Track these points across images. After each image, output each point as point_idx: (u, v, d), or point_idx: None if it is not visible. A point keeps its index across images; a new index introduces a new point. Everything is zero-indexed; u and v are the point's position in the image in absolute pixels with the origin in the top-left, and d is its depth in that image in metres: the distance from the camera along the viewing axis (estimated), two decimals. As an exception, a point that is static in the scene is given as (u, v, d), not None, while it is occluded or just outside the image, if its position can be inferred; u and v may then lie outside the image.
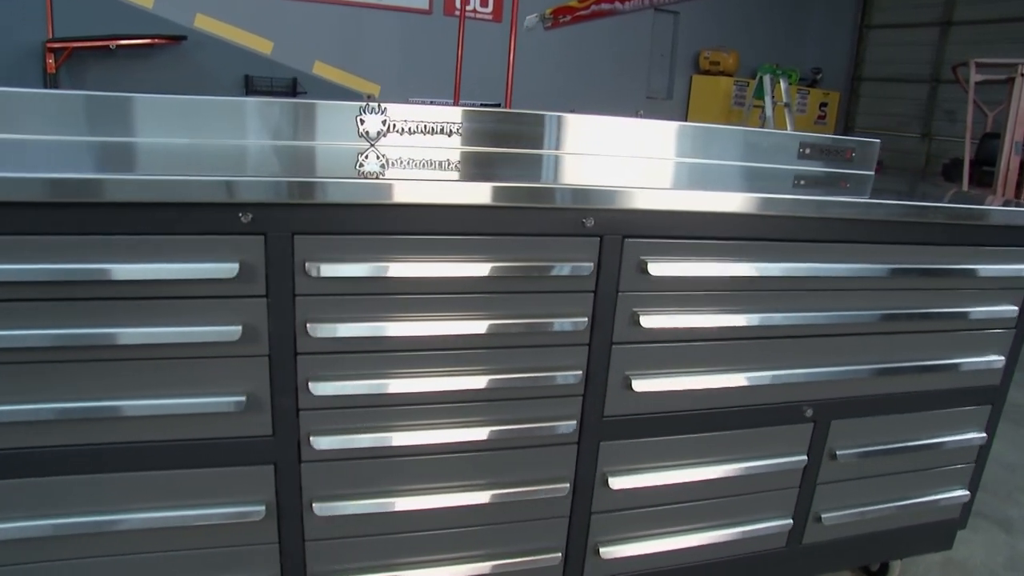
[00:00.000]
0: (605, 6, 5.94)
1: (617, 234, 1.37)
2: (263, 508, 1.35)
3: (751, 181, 1.85)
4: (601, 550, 1.57)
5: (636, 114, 2.26)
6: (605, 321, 1.42)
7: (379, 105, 1.85)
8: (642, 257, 1.39)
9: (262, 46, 6.35)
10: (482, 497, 1.46)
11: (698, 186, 1.72)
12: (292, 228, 1.23)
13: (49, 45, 4.93)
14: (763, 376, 1.56)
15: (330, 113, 1.81)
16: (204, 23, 5.98)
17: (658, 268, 1.39)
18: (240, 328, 1.23)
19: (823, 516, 1.75)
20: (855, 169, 2.24)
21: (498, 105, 6.65)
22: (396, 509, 1.42)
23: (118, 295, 1.18)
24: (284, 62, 6.49)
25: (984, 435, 1.89)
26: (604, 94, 7.69)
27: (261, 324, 1.26)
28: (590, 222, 1.34)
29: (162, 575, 1.36)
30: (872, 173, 2.25)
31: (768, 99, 6.71)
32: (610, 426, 1.50)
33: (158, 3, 5.71)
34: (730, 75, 7.84)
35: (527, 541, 1.54)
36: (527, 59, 7.14)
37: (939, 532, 1.98)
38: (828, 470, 1.72)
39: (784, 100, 6.79)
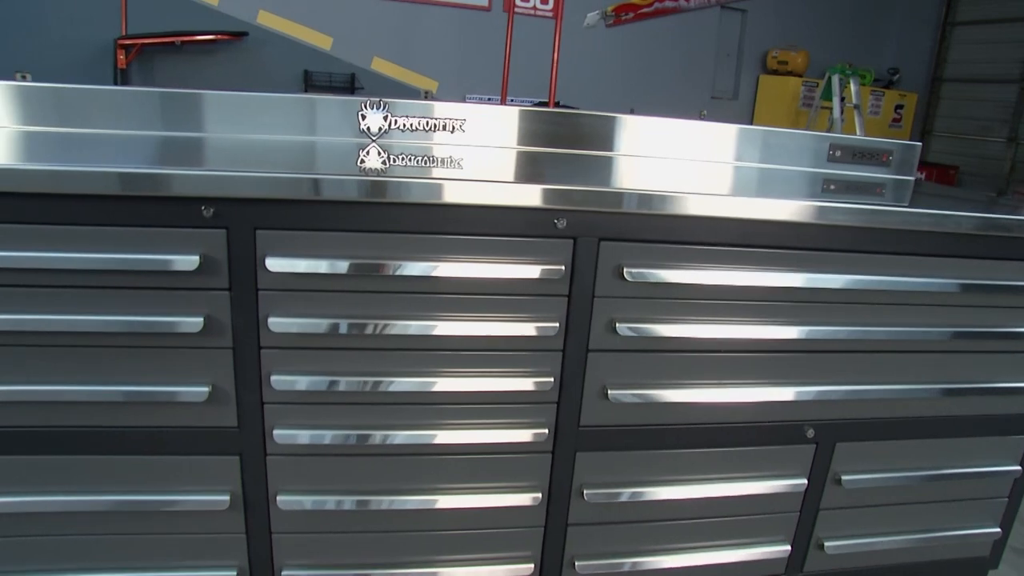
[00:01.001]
0: (669, 3, 5.78)
1: (592, 236, 1.31)
2: (227, 498, 1.35)
3: (764, 185, 1.75)
4: (577, 564, 1.52)
5: (700, 115, 2.18)
6: (580, 327, 1.36)
7: (381, 102, 1.83)
8: (620, 261, 1.32)
9: (322, 42, 6.48)
10: (450, 501, 1.42)
11: (703, 188, 1.64)
12: (254, 223, 1.22)
13: (120, 42, 5.18)
14: (756, 392, 1.47)
15: (334, 108, 1.81)
16: (266, 19, 6.15)
17: (635, 273, 1.32)
18: (202, 320, 1.24)
19: (826, 544, 1.63)
20: (893, 174, 2.09)
21: (558, 103, 6.58)
22: (363, 508, 1.40)
23: (80, 283, 1.20)
24: (343, 58, 6.60)
25: (1019, 468, 1.73)
26: (668, 94, 7.50)
27: (224, 317, 1.26)
28: (562, 223, 1.29)
29: (134, 557, 1.38)
30: (912, 178, 2.09)
31: (836, 100, 6.40)
32: (587, 436, 1.44)
33: (223, 1, 5.90)
34: (799, 75, 7.52)
35: (498, 549, 1.49)
36: (588, 57, 7.06)
37: (966, 570, 1.83)
38: (832, 495, 1.60)
39: (854, 101, 6.46)
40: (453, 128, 1.88)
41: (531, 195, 1.26)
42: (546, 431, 1.40)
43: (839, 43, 7.91)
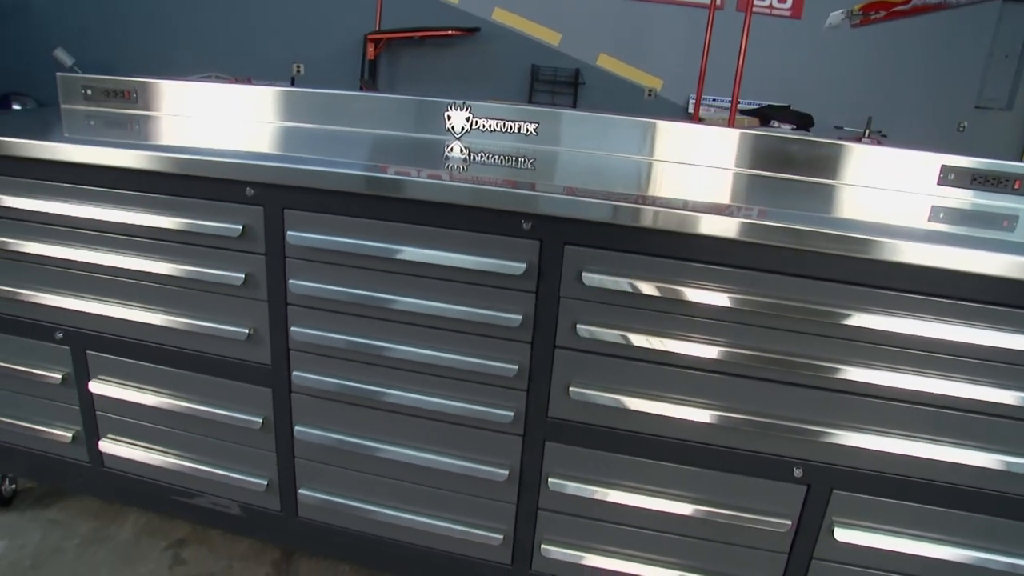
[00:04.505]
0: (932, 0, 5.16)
1: (558, 240, 1.39)
2: (260, 420, 1.69)
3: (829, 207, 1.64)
4: (543, 547, 1.61)
5: (958, 127, 2.11)
6: (547, 323, 1.45)
7: (464, 103, 2.04)
8: (581, 266, 1.39)
9: (550, 38, 6.80)
10: (430, 461, 1.61)
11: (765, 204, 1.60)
12: (282, 203, 1.51)
13: (369, 37, 6.00)
14: (735, 418, 1.43)
15: (427, 109, 2.08)
16: (500, 16, 6.63)
17: (592, 279, 1.38)
18: (243, 276, 1.57)
19: (819, 594, 1.53)
20: (1031, 203, 1.81)
21: (788, 107, 6.24)
22: (361, 451, 1.65)
23: (137, 235, 1.62)
24: (570, 53, 6.86)
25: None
26: (919, 101, 6.61)
27: (261, 276, 1.58)
28: (528, 225, 1.39)
29: (186, 451, 1.80)
30: (1058, 211, 1.79)
31: None
32: (555, 428, 1.53)
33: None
34: (1105, 79, 6.16)
35: (472, 515, 1.65)
36: (825, 59, 6.54)
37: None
38: (827, 546, 1.49)
39: None
40: (527, 132, 2.04)
41: (495, 197, 1.38)
42: (512, 414, 1.52)
43: None
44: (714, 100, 6.84)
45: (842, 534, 1.46)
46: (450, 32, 6.26)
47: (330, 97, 2.11)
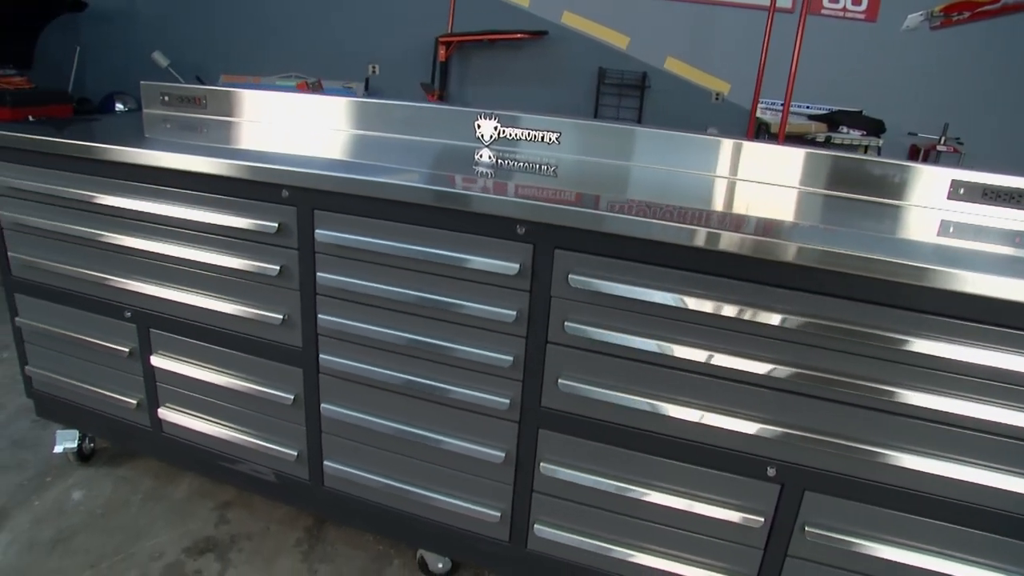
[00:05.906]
0: (1027, -3, 4.94)
1: (549, 244, 1.52)
2: (292, 397, 1.89)
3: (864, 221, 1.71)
4: (536, 526, 1.75)
5: None
6: (540, 320, 1.58)
7: (492, 113, 2.19)
8: (569, 269, 1.52)
9: (619, 41, 6.86)
10: (436, 441, 1.77)
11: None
12: (313, 204, 1.70)
13: (440, 39, 6.23)
14: (706, 414, 1.52)
15: (460, 118, 2.24)
16: (570, 19, 6.73)
17: (577, 280, 1.50)
18: (278, 268, 1.77)
19: (793, 590, 1.60)
20: (1049, 221, 1.81)
21: (860, 112, 6.09)
22: (377, 429, 1.83)
23: (190, 229, 1.85)
24: (637, 56, 6.90)
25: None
26: (1002, 106, 6.31)
27: (294, 268, 1.78)
28: (522, 230, 1.53)
29: (224, 419, 2.03)
30: (1073, 228, 1.78)
31: None
32: (548, 416, 1.66)
33: (534, 2, 6.64)
34: None
35: (474, 493, 1.80)
36: (901, 63, 6.34)
37: None
38: (800, 544, 1.56)
39: None
40: (550, 141, 2.17)
41: (492, 204, 1.52)
42: (507, 401, 1.66)
43: None
44: (783, 105, 6.73)
45: (813, 534, 1.53)
46: (519, 35, 6.42)
47: (373, 106, 2.30)
